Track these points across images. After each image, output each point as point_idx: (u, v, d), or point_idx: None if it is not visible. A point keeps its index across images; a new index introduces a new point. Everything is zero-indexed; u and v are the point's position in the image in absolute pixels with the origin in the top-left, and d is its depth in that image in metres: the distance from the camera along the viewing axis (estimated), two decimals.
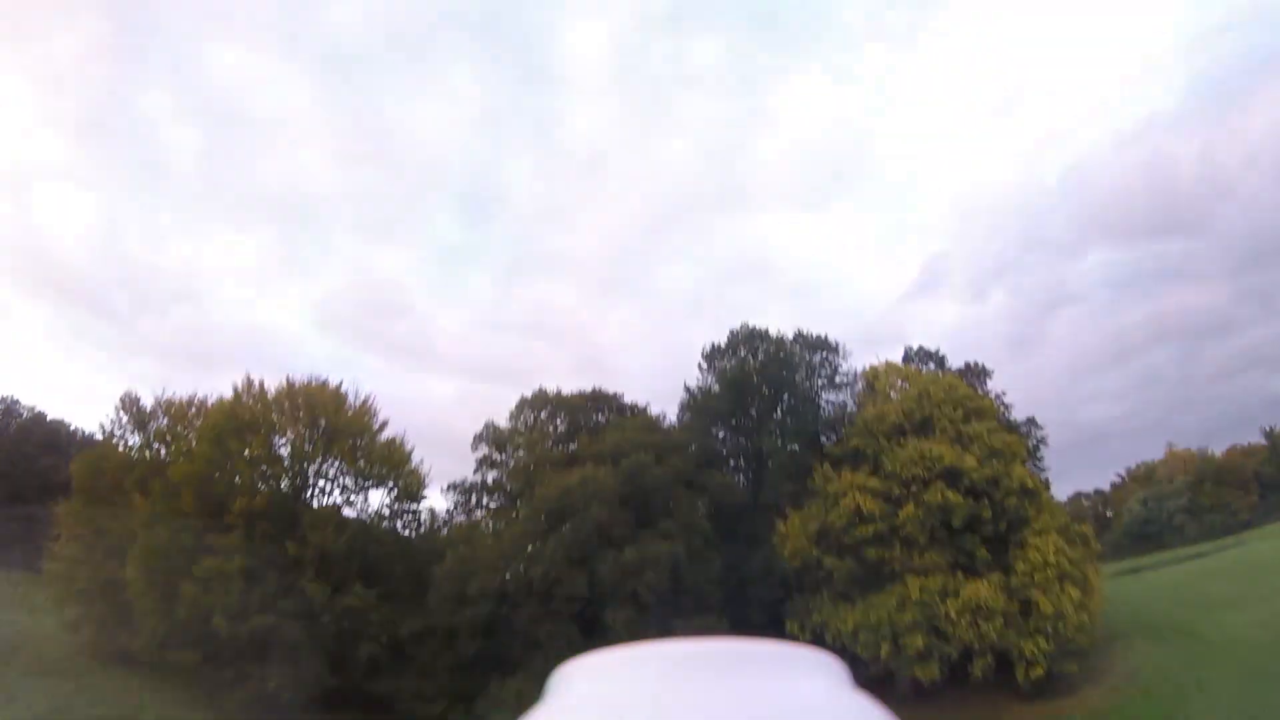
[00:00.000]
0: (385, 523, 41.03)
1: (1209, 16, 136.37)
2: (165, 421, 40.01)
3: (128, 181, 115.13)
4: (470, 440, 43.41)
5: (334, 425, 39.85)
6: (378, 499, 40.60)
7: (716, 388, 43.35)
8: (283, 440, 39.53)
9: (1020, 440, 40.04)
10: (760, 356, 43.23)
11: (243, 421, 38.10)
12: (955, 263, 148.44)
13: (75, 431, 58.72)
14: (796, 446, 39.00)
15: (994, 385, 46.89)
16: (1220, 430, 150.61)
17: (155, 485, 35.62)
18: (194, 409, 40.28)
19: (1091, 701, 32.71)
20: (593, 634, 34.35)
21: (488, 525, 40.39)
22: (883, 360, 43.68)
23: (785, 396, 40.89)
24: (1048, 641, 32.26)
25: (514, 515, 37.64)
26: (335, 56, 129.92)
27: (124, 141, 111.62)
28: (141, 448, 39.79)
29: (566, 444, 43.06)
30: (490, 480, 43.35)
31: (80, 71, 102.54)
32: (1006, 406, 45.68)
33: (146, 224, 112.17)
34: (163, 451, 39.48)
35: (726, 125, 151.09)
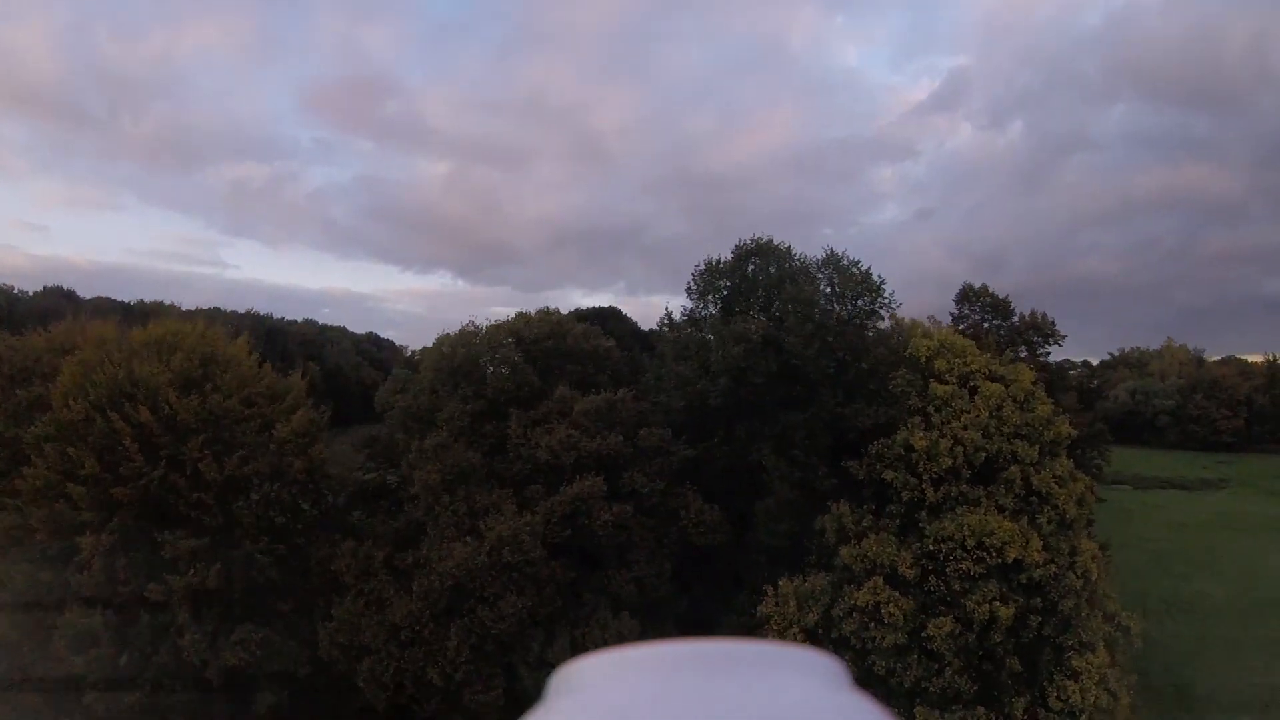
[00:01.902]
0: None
1: None
2: None
3: None
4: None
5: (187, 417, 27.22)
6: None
7: (709, 311, 29.02)
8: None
9: (1089, 486, 28.81)
10: (776, 295, 28.33)
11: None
12: (977, 81, 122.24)
13: None
14: (802, 466, 26.30)
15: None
16: (1210, 318, 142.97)
17: None
18: None
19: None
20: None
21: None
22: (937, 320, 29.54)
23: (804, 379, 27.00)
24: None
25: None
26: None
27: None
28: None
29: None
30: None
31: None
32: (1069, 377, 33.35)
33: (118, 18, 75.12)
34: None
35: None
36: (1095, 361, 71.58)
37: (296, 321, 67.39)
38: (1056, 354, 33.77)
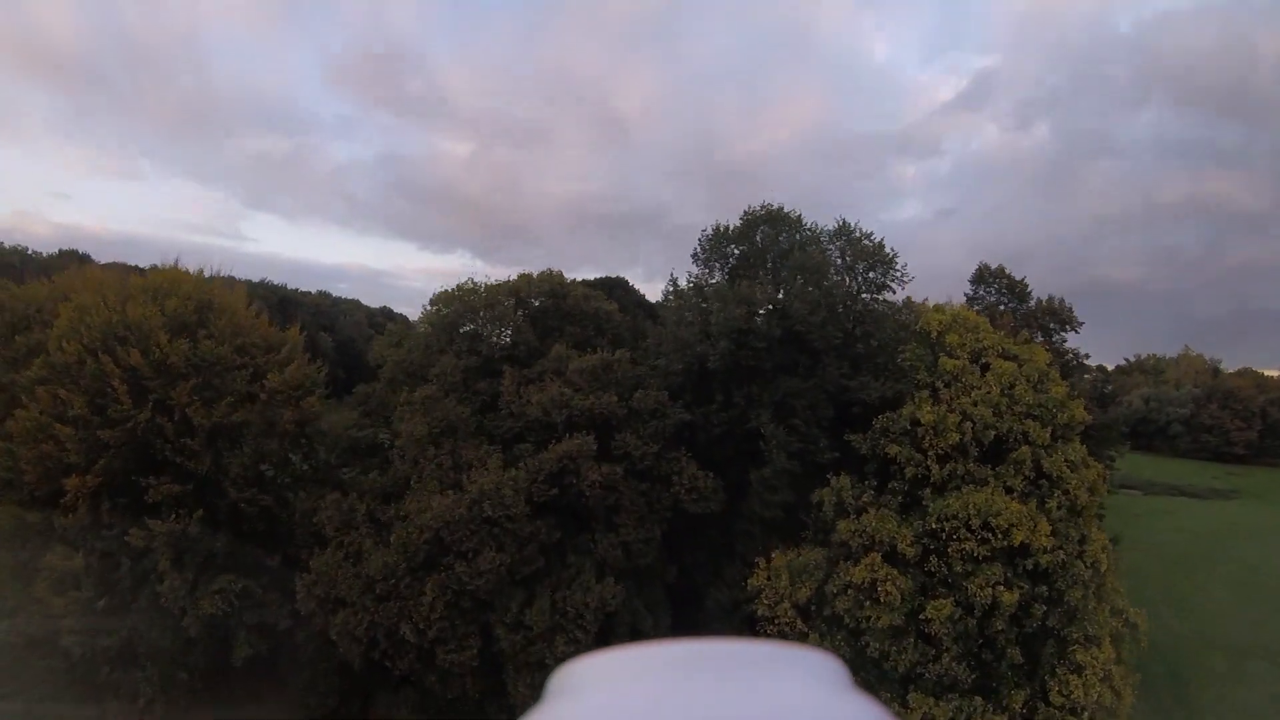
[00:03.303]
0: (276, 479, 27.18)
1: None
2: None
3: None
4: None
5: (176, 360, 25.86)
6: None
7: (714, 277, 27.09)
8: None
9: (1101, 474, 26.49)
10: (785, 266, 26.38)
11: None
12: (1005, 82, 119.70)
13: None
14: (802, 436, 24.24)
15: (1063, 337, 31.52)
16: (1228, 329, 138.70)
17: None
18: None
19: None
20: (492, 689, 23.47)
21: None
22: (949, 298, 27.37)
23: (809, 346, 24.98)
24: None
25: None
26: None
27: None
28: None
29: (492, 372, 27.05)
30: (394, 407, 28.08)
31: None
32: (1085, 367, 31.04)
33: None
34: None
35: None
36: (1111, 367, 69.67)
37: (310, 293, 66.27)
38: (1073, 342, 31.58)
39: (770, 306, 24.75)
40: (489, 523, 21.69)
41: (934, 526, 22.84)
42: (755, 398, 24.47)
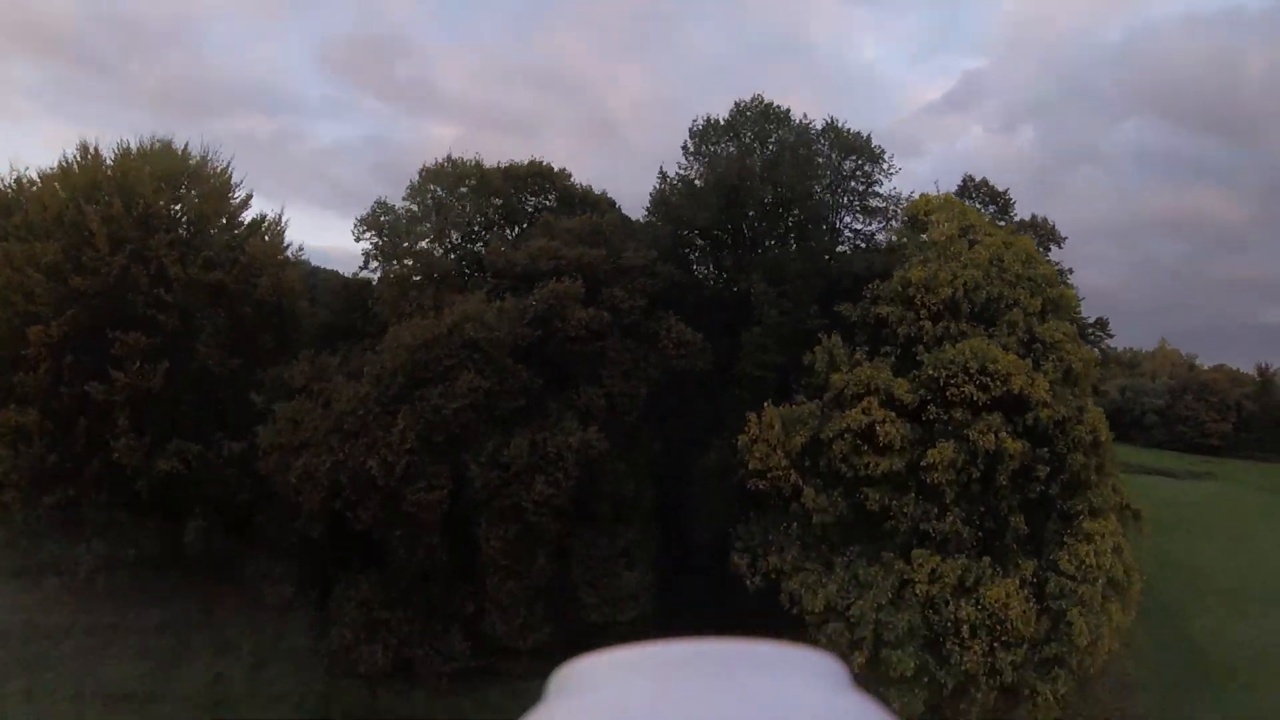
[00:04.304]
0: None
1: None
2: None
3: None
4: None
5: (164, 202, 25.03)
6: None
7: (699, 181, 26.34)
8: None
9: (1095, 359, 25.54)
10: (771, 148, 25.91)
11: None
12: (992, 85, 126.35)
13: None
14: (798, 296, 23.14)
15: (1059, 257, 31.12)
16: (1205, 344, 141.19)
17: None
18: None
19: None
20: (461, 549, 21.16)
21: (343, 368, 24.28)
22: (937, 189, 26.92)
23: (795, 217, 24.26)
24: (1069, 682, 20.56)
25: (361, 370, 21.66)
26: None
27: None
28: None
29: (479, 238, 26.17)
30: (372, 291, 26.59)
31: None
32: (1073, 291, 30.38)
33: None
34: None
35: None
36: None
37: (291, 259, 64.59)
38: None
39: (760, 174, 24.14)
40: (470, 346, 20.12)
41: (931, 374, 21.51)
42: (744, 261, 23.52)
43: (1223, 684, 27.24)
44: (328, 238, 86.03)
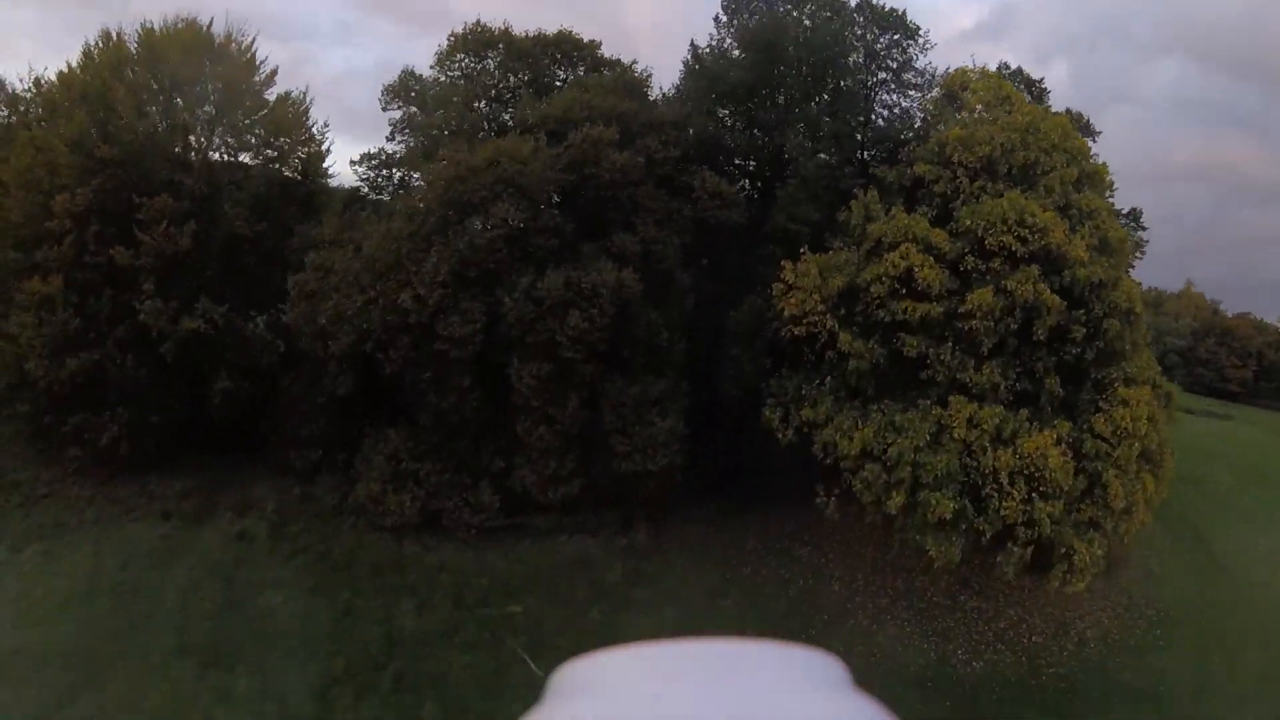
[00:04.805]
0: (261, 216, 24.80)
1: None
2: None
3: None
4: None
5: (190, 75, 24.28)
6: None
7: (736, 51, 25.80)
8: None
9: (1130, 238, 24.96)
10: (806, 18, 25.39)
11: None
12: (1027, 17, 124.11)
13: None
14: (833, 158, 22.65)
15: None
16: (1230, 293, 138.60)
17: None
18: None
19: None
20: (492, 395, 20.70)
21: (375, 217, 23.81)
22: (974, 62, 26.43)
23: (831, 81, 23.74)
24: (1103, 545, 19.99)
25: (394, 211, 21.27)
26: None
27: None
28: None
29: (507, 107, 25.77)
30: (401, 154, 26.15)
31: None
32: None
33: None
34: None
35: None
36: None
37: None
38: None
39: (796, 37, 23.64)
40: (505, 177, 19.67)
41: (969, 224, 20.96)
42: (780, 118, 23.03)
43: (1241, 588, 26.85)
44: (339, 164, 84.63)
